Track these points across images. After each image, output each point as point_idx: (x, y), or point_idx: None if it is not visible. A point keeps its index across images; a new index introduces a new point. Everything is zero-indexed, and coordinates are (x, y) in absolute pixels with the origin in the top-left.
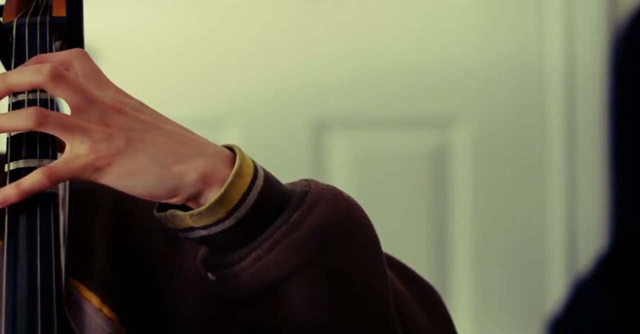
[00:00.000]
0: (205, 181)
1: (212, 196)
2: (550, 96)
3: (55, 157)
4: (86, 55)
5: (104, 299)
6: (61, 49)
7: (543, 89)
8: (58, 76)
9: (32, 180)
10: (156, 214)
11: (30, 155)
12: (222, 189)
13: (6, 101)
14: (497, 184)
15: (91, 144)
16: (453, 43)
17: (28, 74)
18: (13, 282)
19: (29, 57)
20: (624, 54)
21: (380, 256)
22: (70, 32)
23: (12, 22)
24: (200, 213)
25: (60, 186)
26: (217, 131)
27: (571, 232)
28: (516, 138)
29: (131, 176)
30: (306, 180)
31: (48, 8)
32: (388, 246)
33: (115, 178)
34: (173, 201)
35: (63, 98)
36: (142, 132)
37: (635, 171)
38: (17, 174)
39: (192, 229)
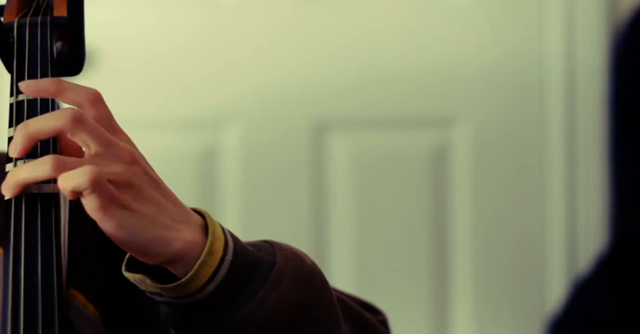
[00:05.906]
0: (184, 253)
1: (181, 268)
2: (550, 96)
3: None
4: (101, 98)
5: (87, 297)
6: (62, 49)
7: (543, 89)
8: (79, 120)
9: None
10: (124, 272)
11: (32, 155)
12: (194, 270)
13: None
14: (497, 184)
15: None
16: (453, 43)
17: (50, 120)
18: (14, 284)
19: (30, 57)
20: (623, 53)
21: (337, 319)
22: (70, 32)
23: (12, 22)
24: (169, 289)
25: None
26: (217, 131)
27: (571, 232)
28: (516, 138)
29: (126, 228)
30: (270, 243)
31: (49, 8)
32: (388, 247)
33: (115, 225)
34: (144, 260)
35: (83, 142)
36: (152, 189)
37: (635, 171)
38: None
39: (161, 295)
